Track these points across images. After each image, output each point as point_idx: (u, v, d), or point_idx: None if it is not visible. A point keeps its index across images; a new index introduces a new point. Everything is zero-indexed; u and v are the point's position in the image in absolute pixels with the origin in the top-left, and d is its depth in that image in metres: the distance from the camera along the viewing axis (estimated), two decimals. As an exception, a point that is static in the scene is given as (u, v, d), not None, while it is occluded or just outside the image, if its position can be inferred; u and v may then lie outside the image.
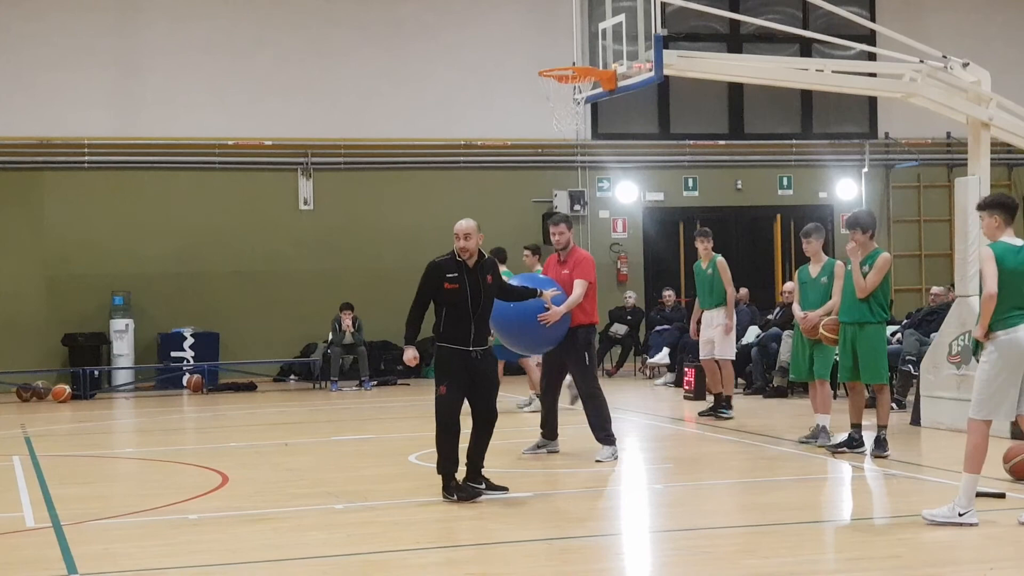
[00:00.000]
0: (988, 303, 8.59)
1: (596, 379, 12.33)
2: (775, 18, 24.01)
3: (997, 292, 8.54)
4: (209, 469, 11.86)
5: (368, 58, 23.67)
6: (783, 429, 14.05)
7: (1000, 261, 8.61)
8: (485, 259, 10.19)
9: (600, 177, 24.81)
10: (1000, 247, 8.72)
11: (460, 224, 10.11)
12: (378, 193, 23.67)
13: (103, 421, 17.98)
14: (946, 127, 24.16)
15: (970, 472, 8.51)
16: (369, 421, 16.29)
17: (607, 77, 13.41)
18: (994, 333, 8.60)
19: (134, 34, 22.94)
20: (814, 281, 12.88)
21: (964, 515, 8.43)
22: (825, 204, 25.72)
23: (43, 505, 10.11)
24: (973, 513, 8.44)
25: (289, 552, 8.29)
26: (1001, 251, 8.67)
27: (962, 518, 8.42)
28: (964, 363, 13.31)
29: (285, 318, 23.06)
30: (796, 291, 13.16)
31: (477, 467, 10.09)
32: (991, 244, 8.82)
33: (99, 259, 22.59)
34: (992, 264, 8.61)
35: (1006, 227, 8.84)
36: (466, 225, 10.08)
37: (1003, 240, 8.79)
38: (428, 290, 10.08)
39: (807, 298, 12.85)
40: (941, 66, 13.93)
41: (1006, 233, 8.83)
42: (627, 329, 22.65)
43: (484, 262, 10.16)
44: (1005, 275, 8.60)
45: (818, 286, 12.78)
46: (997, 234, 8.84)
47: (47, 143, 22.51)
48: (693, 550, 8.13)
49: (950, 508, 8.50)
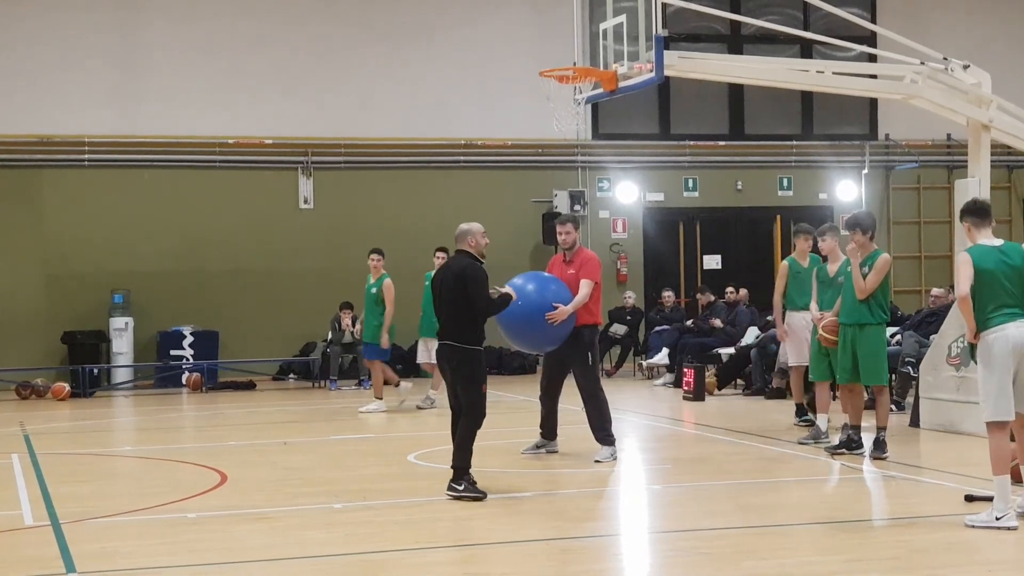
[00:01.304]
0: (961, 305, 8.73)
1: (598, 379, 12.36)
2: (776, 19, 24.01)
3: (968, 294, 8.64)
4: (208, 468, 11.86)
5: (369, 57, 23.67)
6: (782, 430, 14.04)
7: (977, 262, 8.70)
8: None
9: (600, 177, 24.81)
10: (976, 249, 8.82)
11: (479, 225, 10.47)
12: (378, 192, 23.67)
13: (102, 419, 17.97)
14: (946, 129, 24.16)
15: (998, 473, 8.53)
16: (368, 420, 16.28)
17: (608, 77, 13.41)
18: (981, 334, 8.67)
19: (134, 32, 22.94)
20: (831, 280, 12.88)
21: (1001, 519, 8.44)
22: (825, 205, 25.72)
23: (42, 503, 10.11)
24: (1011, 516, 8.44)
25: (288, 551, 8.28)
26: (977, 253, 8.77)
27: (999, 522, 8.42)
28: (963, 365, 13.30)
29: (284, 317, 23.05)
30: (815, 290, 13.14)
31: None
32: (968, 248, 8.95)
33: (99, 257, 22.59)
34: (967, 267, 8.70)
35: (978, 230, 8.97)
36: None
37: (980, 242, 8.90)
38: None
39: (823, 297, 12.86)
40: (942, 68, 13.94)
41: (982, 235, 8.95)
42: (627, 329, 22.65)
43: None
44: (985, 275, 8.68)
45: (834, 285, 12.75)
46: (972, 238, 9.00)
47: (47, 141, 22.51)
48: (692, 551, 8.13)
49: (988, 513, 8.51)
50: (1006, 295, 8.66)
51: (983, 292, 8.66)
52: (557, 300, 11.61)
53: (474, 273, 10.16)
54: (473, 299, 10.11)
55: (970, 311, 8.67)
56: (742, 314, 20.76)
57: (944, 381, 13.57)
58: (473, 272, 10.16)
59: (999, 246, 8.83)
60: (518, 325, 11.57)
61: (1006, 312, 8.64)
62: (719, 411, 16.60)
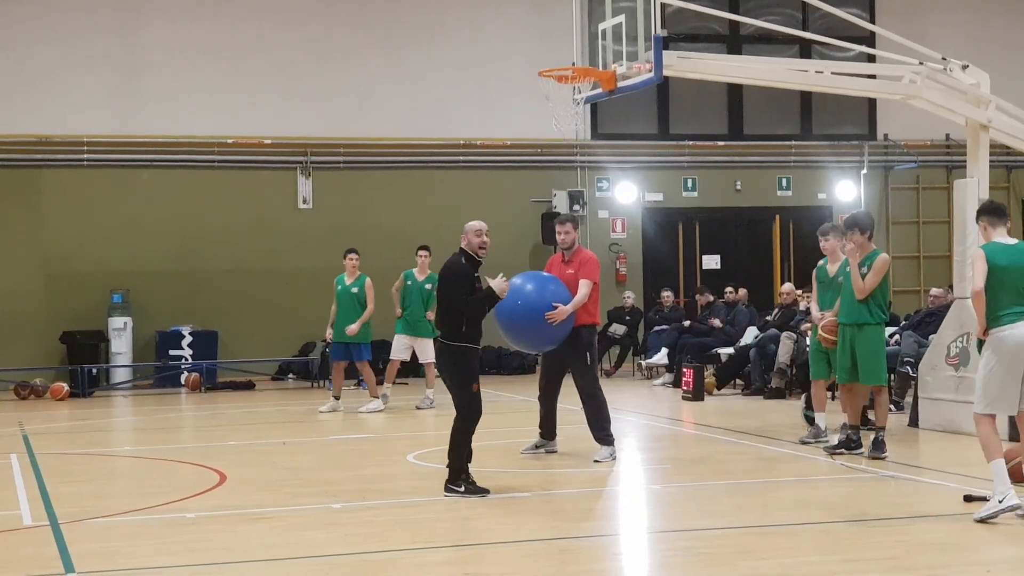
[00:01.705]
0: (975, 300, 8.87)
1: (597, 379, 12.39)
2: (775, 19, 24.00)
3: (982, 290, 8.77)
4: (207, 468, 11.86)
5: (368, 57, 23.67)
6: (781, 430, 14.05)
7: (991, 259, 8.83)
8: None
9: (599, 177, 24.82)
10: (991, 247, 8.99)
11: (481, 223, 10.40)
12: (377, 192, 23.67)
13: (101, 419, 17.97)
14: (945, 129, 24.18)
15: (992, 459, 8.65)
16: (367, 420, 16.28)
17: (607, 77, 13.41)
18: (991, 331, 8.74)
19: (134, 32, 22.93)
20: (831, 280, 12.82)
21: (1003, 500, 8.52)
22: (824, 205, 25.71)
23: (40, 503, 10.11)
24: (1011, 495, 8.54)
25: (287, 551, 8.29)
26: (991, 250, 8.92)
27: (1002, 504, 8.52)
28: (962, 365, 13.31)
29: (284, 317, 23.05)
30: (815, 291, 13.07)
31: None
32: (983, 245, 9.11)
33: (98, 257, 22.58)
34: (981, 263, 8.84)
35: (994, 229, 9.11)
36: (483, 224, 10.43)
37: (995, 240, 9.05)
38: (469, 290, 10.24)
39: (823, 297, 12.80)
40: (940, 68, 13.94)
41: (997, 234, 9.10)
42: (626, 329, 22.64)
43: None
44: (998, 272, 8.82)
45: (835, 285, 12.68)
46: (988, 236, 9.15)
47: (46, 141, 22.50)
48: (691, 551, 8.13)
49: (991, 500, 8.60)
50: (1018, 294, 8.79)
51: (996, 289, 8.81)
52: (556, 299, 11.63)
53: (449, 271, 10.29)
54: (448, 297, 10.19)
55: (983, 307, 8.81)
56: (741, 314, 20.76)
57: (943, 381, 13.57)
58: (449, 270, 10.29)
59: (1014, 245, 8.98)
60: (517, 324, 11.58)
61: (1017, 311, 8.73)
62: (718, 411, 16.61)
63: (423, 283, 17.07)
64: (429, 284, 16.88)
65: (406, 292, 17.14)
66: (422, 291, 17.05)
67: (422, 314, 17.00)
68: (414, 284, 17.11)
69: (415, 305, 17.07)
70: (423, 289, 17.03)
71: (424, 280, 17.08)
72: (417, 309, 17.05)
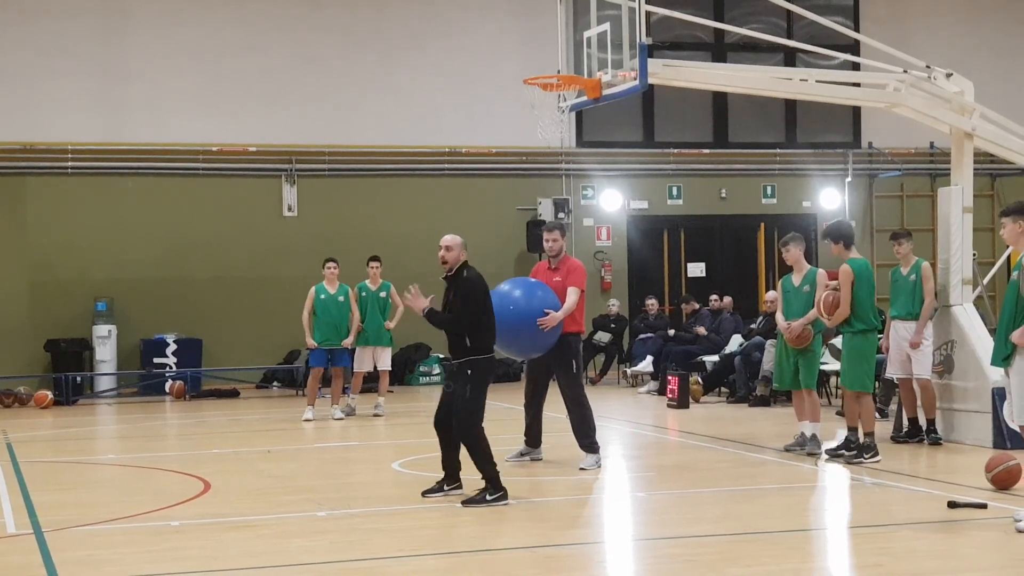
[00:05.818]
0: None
1: (583, 387, 12.42)
2: (759, 28, 24.00)
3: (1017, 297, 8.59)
4: (191, 476, 11.83)
5: (353, 65, 23.67)
6: (766, 438, 14.07)
7: None
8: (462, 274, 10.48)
9: (584, 185, 24.84)
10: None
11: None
12: (362, 200, 23.65)
13: (85, 427, 17.91)
14: (929, 137, 24.26)
15: None
16: (352, 428, 16.27)
17: (592, 85, 13.43)
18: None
19: (119, 39, 22.88)
20: (796, 290, 12.92)
21: None
22: (809, 213, 25.77)
23: (24, 511, 10.08)
24: None
25: (271, 559, 8.27)
26: None
27: None
28: (947, 372, 13.34)
29: (268, 325, 23.00)
30: (780, 301, 13.18)
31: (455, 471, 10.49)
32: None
33: (82, 265, 22.52)
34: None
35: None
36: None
37: None
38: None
39: (789, 307, 12.89)
40: (925, 76, 13.99)
41: None
42: (611, 337, 22.64)
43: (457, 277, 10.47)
44: None
45: (800, 295, 12.83)
46: (1022, 240, 8.92)
47: (30, 148, 22.44)
48: (676, 558, 8.14)
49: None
50: None
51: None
52: (546, 306, 11.67)
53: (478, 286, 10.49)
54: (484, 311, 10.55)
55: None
56: (726, 322, 20.80)
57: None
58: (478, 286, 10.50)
59: None
60: (506, 331, 11.57)
61: None
62: (703, 419, 16.62)
63: (377, 292, 17.46)
64: (383, 292, 17.38)
65: (362, 303, 17.35)
66: (377, 300, 17.45)
67: (380, 324, 17.39)
68: (369, 295, 17.47)
69: (372, 315, 17.36)
70: (378, 298, 17.44)
71: (378, 289, 17.48)
72: (375, 319, 17.36)
